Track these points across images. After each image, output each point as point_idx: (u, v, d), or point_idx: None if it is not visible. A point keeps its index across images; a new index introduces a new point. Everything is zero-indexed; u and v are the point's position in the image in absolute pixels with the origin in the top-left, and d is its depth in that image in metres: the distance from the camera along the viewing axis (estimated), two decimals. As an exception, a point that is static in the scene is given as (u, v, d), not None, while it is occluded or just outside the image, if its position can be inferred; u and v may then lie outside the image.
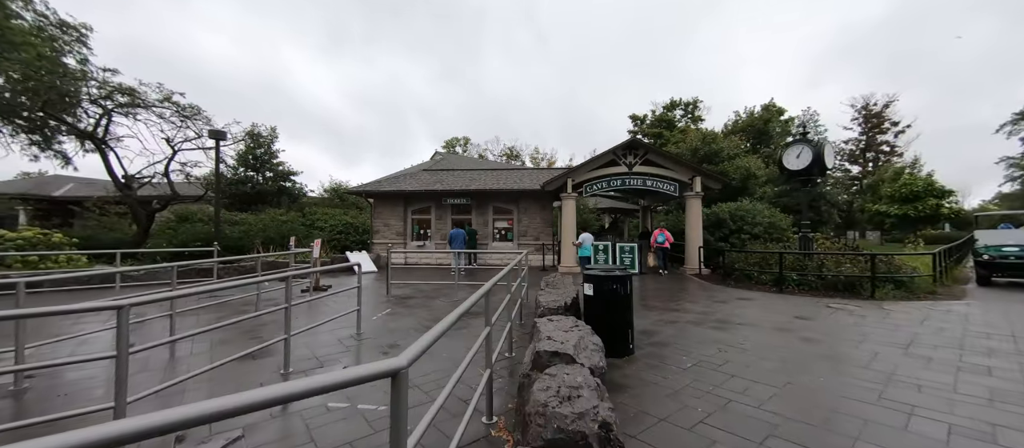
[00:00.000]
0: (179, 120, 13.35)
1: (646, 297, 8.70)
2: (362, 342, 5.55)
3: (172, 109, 13.55)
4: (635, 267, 12.34)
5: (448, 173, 17.78)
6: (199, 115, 14.44)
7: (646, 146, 12.83)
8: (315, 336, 5.64)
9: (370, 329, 6.20)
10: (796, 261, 9.76)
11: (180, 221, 15.24)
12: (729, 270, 10.92)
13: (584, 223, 24.33)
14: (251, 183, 20.07)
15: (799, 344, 5.12)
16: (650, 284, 10.50)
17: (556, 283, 7.24)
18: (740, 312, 7.09)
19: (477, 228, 15.35)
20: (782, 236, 12.65)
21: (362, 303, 5.87)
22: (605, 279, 4.84)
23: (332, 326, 6.01)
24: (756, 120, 35.01)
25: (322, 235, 17.47)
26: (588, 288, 4.95)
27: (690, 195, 12.60)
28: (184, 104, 13.83)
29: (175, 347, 5.23)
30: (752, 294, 8.88)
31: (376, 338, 5.76)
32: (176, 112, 13.65)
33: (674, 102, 40.55)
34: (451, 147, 56.22)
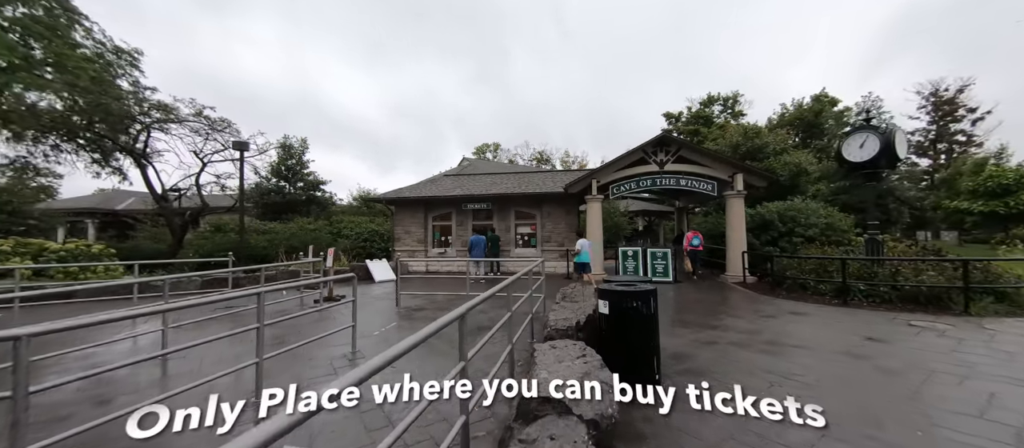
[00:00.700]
0: (206, 133, 13.75)
1: (681, 310, 7.68)
2: (356, 362, 5.03)
3: (203, 123, 14.01)
4: (669, 275, 11.22)
5: (469, 178, 17.34)
6: (229, 128, 14.87)
7: (678, 141, 11.72)
8: (308, 353, 5.17)
9: (368, 346, 5.68)
10: (862, 268, 8.36)
11: (214, 231, 15.72)
12: (779, 278, 9.60)
13: (615, 227, 23.13)
14: (282, 193, 20.61)
15: (879, 378, 4.04)
16: (686, 294, 9.40)
17: (575, 295, 6.46)
18: (795, 330, 5.97)
19: (499, 234, 14.72)
20: (842, 239, 11.08)
21: (371, 315, 5.42)
22: (624, 296, 4.02)
23: (329, 342, 5.55)
24: (805, 112, 32.20)
25: (346, 243, 17.55)
26: (603, 306, 4.15)
27: (731, 194, 11.34)
28: (214, 118, 14.28)
29: (167, 363, 4.94)
30: (808, 308, 7.62)
31: (372, 358, 5.22)
32: (207, 125, 14.11)
33: (712, 97, 38.28)
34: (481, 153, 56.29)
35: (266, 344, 6.08)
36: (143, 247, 14.93)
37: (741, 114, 37.33)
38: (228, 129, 14.68)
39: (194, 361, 4.98)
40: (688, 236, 12.22)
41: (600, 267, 12.16)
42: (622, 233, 23.63)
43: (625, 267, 11.68)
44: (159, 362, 4.90)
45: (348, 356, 5.24)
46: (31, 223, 13.36)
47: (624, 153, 11.92)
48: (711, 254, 14.62)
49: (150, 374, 4.67)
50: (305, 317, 7.79)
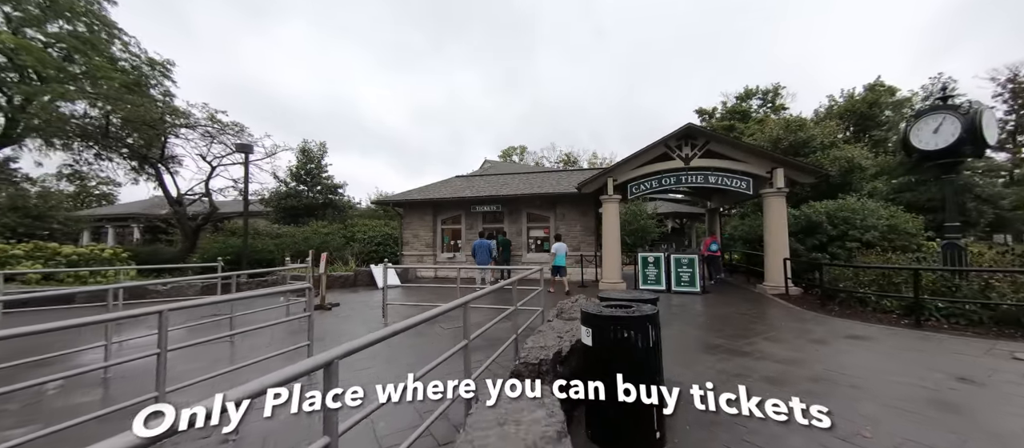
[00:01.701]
0: (213, 137, 13.72)
1: (707, 328, 6.45)
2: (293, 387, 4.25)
3: (215, 127, 14.05)
4: (695, 285, 9.87)
5: (480, 179, 16.57)
6: (242, 132, 14.86)
7: (706, 133, 10.36)
8: (253, 376, 4.46)
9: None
10: (940, 281, 6.78)
11: (229, 235, 15.79)
12: (829, 290, 8.11)
13: (641, 230, 21.61)
14: (299, 197, 20.68)
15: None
16: (715, 308, 8.09)
17: (573, 310, 5.44)
18: (853, 362, 4.66)
19: (511, 238, 13.81)
20: (909, 244, 9.34)
21: (352, 328, 4.70)
22: (614, 322, 3.00)
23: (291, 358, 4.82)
24: (857, 104, 29.14)
25: (358, 247, 17.21)
26: (587, 335, 3.14)
27: (770, 193, 9.87)
28: (226, 121, 14.29)
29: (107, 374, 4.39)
30: (868, 329, 6.18)
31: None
32: (218, 129, 14.14)
33: (749, 91, 35.65)
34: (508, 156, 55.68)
35: (234, 357, 5.49)
36: (161, 252, 15.18)
37: (782, 108, 34.49)
38: (241, 133, 14.70)
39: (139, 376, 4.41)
40: (706, 241, 11.52)
41: (618, 275, 10.97)
42: (649, 237, 22.06)
43: (645, 275, 10.44)
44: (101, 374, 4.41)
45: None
46: (55, 227, 13.81)
47: (644, 148, 10.70)
48: (748, 260, 13.05)
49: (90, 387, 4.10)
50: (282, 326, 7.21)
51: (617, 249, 11.06)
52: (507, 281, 5.03)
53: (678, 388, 2.21)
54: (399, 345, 5.81)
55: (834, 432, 3.11)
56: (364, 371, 4.77)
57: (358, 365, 4.82)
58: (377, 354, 5.32)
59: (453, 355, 2.93)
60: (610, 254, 11.02)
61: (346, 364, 1.90)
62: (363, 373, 4.73)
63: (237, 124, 14.41)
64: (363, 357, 5.21)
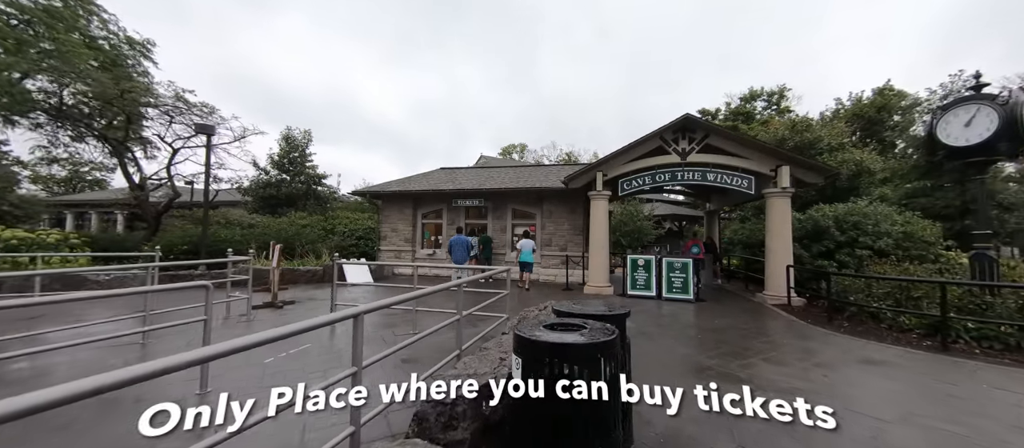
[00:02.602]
0: (172, 116, 12.77)
1: (698, 344, 5.55)
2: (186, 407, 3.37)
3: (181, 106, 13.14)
4: (689, 292, 8.97)
5: (465, 172, 15.67)
6: (212, 114, 13.97)
7: (705, 126, 9.43)
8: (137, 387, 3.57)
9: (235, 382, 3.99)
10: (967, 296, 5.87)
11: (197, 224, 14.91)
12: (838, 303, 7.20)
13: (637, 231, 20.65)
14: (279, 186, 19.78)
15: None
16: (709, 319, 7.18)
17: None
18: (873, 398, 3.75)
19: (493, 235, 12.92)
20: (926, 254, 8.42)
21: (293, 329, 3.82)
22: (553, 352, 2.07)
23: (175, 381, 3.94)
24: (865, 107, 28.13)
25: (337, 240, 16.32)
26: (517, 368, 2.23)
27: (773, 193, 8.96)
28: (193, 102, 13.38)
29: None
30: (885, 351, 5.28)
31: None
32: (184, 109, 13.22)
33: (754, 92, 34.71)
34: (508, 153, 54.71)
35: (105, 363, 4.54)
36: (126, 239, 14.30)
37: (787, 110, 33.52)
38: (210, 115, 13.79)
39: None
40: (687, 244, 11.10)
41: (605, 279, 10.07)
42: (645, 238, 21.13)
43: (634, 280, 9.53)
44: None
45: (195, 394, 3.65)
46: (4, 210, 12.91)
47: (636, 140, 9.78)
48: (747, 267, 12.14)
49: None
50: (213, 326, 6.33)
51: (605, 250, 10.16)
52: (454, 282, 4.14)
53: None
54: (305, 356, 4.92)
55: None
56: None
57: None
58: (255, 363, 4.44)
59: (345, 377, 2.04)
60: (597, 255, 10.11)
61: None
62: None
63: (207, 105, 13.52)
64: (234, 366, 4.33)
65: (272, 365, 4.58)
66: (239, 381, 4.07)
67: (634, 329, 6.51)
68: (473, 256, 11.69)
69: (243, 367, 4.43)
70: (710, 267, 12.53)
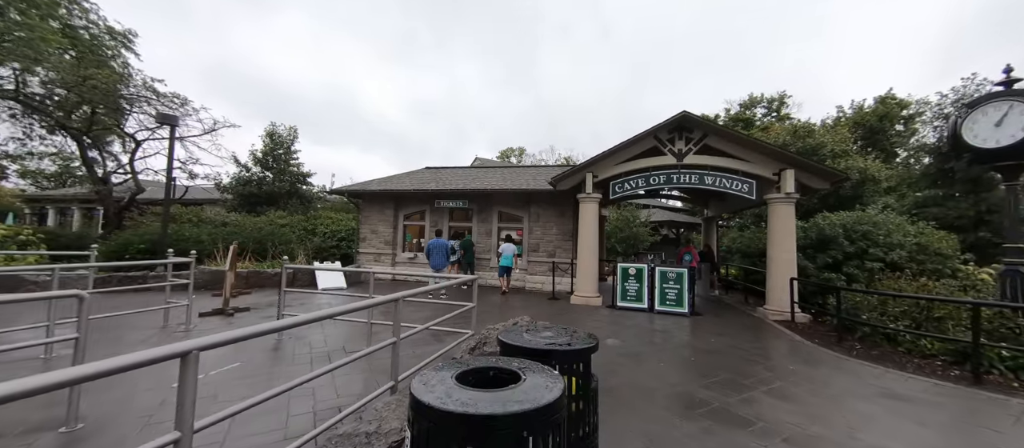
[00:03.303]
0: (129, 105, 11.98)
1: (691, 369, 4.78)
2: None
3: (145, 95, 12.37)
4: (683, 305, 8.22)
5: (450, 171, 14.94)
6: (185, 105, 13.22)
7: (703, 125, 8.72)
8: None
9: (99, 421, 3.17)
10: (998, 318, 5.14)
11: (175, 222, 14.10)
12: (848, 321, 6.47)
13: (633, 237, 19.93)
14: (260, 184, 18.98)
15: None
16: (705, 339, 6.43)
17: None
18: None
19: (478, 239, 12.17)
20: (942, 267, 7.71)
21: (224, 354, 3.06)
22: (465, 431, 1.32)
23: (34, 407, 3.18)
24: (867, 116, 27.64)
25: (318, 241, 15.54)
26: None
27: (776, 198, 8.25)
28: (165, 92, 12.63)
29: None
30: (909, 384, 4.54)
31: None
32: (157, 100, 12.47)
33: (754, 98, 34.22)
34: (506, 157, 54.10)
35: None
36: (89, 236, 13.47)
37: (788, 117, 33.01)
38: (183, 107, 13.04)
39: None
40: (681, 252, 10.70)
41: (593, 288, 9.32)
42: (641, 245, 20.40)
43: (624, 290, 8.77)
44: None
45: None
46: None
47: (629, 139, 9.07)
48: (746, 277, 11.42)
49: None
50: (142, 335, 5.58)
51: (594, 257, 9.41)
52: (396, 295, 3.39)
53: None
54: (221, 378, 4.14)
55: None
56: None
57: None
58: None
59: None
60: (585, 263, 9.37)
61: None
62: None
63: (178, 96, 12.77)
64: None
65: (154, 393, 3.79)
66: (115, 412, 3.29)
67: (620, 348, 5.76)
68: (454, 261, 10.94)
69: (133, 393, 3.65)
70: (707, 277, 11.81)
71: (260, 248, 12.70)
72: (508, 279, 10.65)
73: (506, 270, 10.45)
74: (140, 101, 12.36)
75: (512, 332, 2.41)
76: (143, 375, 3.92)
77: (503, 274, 10.51)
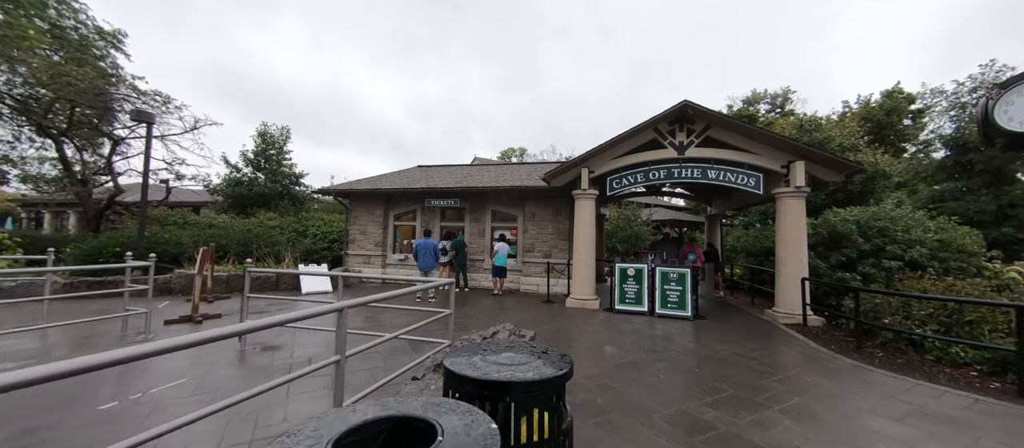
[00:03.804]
0: (106, 102, 11.50)
1: (693, 381, 4.22)
2: None
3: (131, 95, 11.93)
4: (686, 308, 7.67)
5: (443, 169, 14.43)
6: (167, 103, 12.77)
7: (706, 115, 8.16)
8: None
9: None
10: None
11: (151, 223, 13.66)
12: (866, 325, 5.91)
13: (634, 237, 19.34)
14: (251, 185, 18.52)
15: None
16: (709, 345, 5.87)
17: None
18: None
19: (471, 239, 11.66)
20: (967, 265, 7.12)
21: (162, 376, 2.53)
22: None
23: None
24: (874, 111, 27.02)
25: (309, 242, 15.06)
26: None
27: (785, 193, 7.69)
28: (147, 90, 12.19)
29: None
30: (946, 399, 3.97)
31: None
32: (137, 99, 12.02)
33: (757, 94, 33.55)
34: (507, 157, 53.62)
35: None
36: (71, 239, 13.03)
37: (791, 114, 32.37)
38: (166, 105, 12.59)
39: None
40: (684, 250, 10.11)
41: (590, 290, 8.78)
42: (642, 245, 19.79)
43: (623, 292, 8.23)
44: None
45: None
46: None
47: (627, 131, 8.52)
48: (752, 277, 10.85)
49: None
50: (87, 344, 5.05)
51: (591, 257, 8.87)
52: (343, 303, 2.87)
53: None
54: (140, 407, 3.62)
55: None
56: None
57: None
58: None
59: None
60: (581, 263, 8.83)
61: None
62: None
63: (160, 94, 12.32)
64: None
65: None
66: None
67: (616, 357, 5.22)
68: (445, 263, 10.42)
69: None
70: (711, 277, 11.24)
71: (245, 251, 12.22)
72: (502, 281, 10.17)
73: (500, 271, 9.97)
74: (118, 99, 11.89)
75: (462, 354, 1.88)
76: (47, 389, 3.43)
77: (497, 275, 10.07)
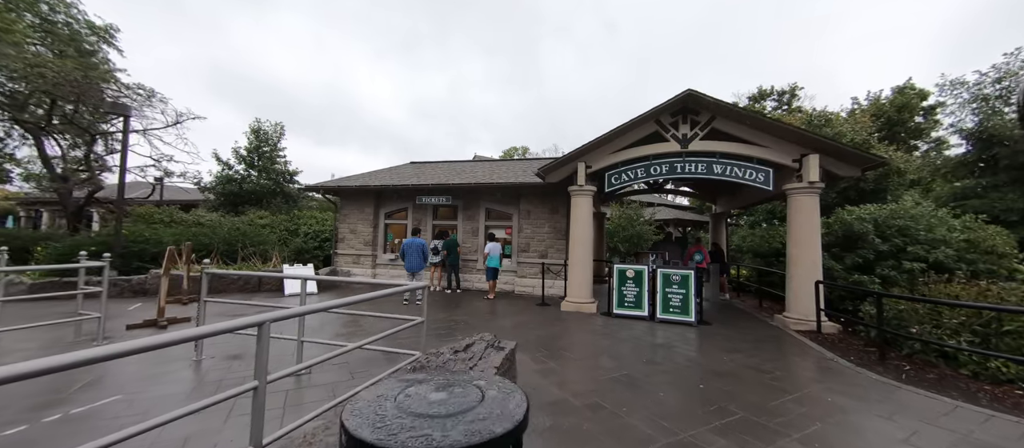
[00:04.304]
0: (80, 93, 11.02)
1: (695, 400, 3.68)
2: None
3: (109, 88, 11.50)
4: (689, 313, 7.12)
5: (435, 166, 13.94)
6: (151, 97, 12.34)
7: (712, 105, 7.59)
8: None
9: None
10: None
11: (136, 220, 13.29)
12: (888, 334, 5.34)
13: (636, 237, 18.77)
14: (241, 183, 18.11)
15: None
16: (714, 356, 5.33)
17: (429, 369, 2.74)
18: None
19: (464, 238, 11.15)
20: (997, 267, 6.53)
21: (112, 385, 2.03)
22: None
23: None
24: (885, 108, 26.29)
25: (300, 241, 14.61)
26: None
27: (797, 189, 7.12)
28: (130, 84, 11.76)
29: None
30: (997, 424, 3.42)
31: None
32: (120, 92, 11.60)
33: (763, 91, 32.79)
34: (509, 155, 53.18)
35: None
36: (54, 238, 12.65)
37: (799, 110, 31.62)
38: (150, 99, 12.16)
39: None
40: (690, 250, 9.90)
41: (587, 292, 8.24)
42: (644, 245, 19.19)
43: (621, 296, 7.68)
44: None
45: None
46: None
47: (626, 123, 7.96)
48: (760, 279, 10.27)
49: None
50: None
51: (588, 257, 8.33)
52: (262, 316, 2.37)
53: None
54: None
55: None
56: None
57: None
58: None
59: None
60: (578, 264, 8.29)
61: None
62: None
63: (143, 88, 11.91)
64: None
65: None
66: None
67: (611, 370, 4.68)
68: (435, 263, 9.93)
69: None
70: (716, 279, 10.68)
71: (230, 250, 11.77)
72: (494, 283, 9.66)
73: (493, 272, 9.49)
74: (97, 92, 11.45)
75: (367, 409, 1.34)
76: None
77: (491, 277, 9.60)
